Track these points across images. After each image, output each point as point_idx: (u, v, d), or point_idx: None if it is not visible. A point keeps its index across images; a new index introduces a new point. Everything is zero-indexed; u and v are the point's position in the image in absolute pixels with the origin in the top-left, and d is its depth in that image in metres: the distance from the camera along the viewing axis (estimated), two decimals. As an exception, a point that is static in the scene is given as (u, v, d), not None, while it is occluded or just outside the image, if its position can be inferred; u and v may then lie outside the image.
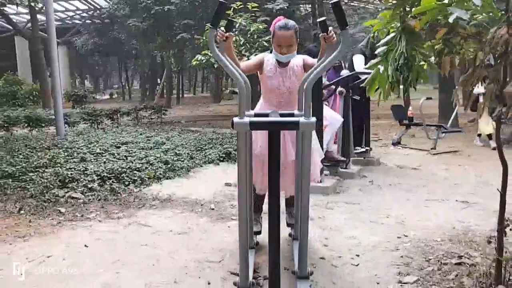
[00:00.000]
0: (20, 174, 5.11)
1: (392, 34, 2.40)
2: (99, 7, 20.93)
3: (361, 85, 5.11)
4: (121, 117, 11.22)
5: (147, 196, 4.60)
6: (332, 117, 5.28)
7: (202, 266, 2.91)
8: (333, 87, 5.76)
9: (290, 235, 3.34)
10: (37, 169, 5.24)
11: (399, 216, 3.95)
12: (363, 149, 6.17)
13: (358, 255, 3.09)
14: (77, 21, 23.45)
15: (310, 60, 2.91)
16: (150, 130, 8.99)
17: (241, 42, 6.72)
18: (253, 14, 6.84)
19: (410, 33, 2.33)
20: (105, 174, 5.04)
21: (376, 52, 2.45)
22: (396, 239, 3.40)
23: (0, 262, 2.98)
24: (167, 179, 5.34)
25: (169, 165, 5.68)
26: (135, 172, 5.24)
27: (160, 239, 3.42)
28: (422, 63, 2.41)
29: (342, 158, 5.40)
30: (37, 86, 14.94)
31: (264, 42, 7.54)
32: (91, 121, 10.24)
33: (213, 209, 4.18)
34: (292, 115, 2.62)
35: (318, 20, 2.52)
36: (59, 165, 5.40)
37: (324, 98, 5.57)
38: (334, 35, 2.47)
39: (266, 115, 2.41)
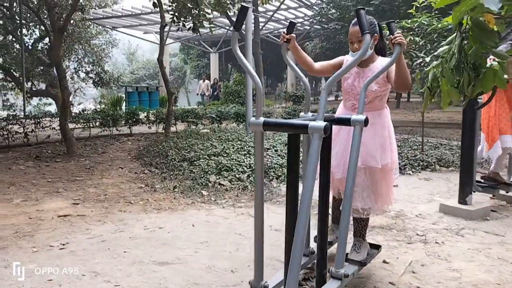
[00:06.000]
0: (195, 159, 6.08)
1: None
2: (324, 12, 21.98)
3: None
4: (318, 116, 11.73)
5: (280, 192, 4.84)
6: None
7: (270, 263, 3.00)
8: None
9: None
10: (207, 157, 6.12)
11: (546, 259, 3.11)
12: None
13: (442, 291, 2.64)
14: (307, 27, 25.24)
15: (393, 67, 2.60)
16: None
17: (420, 42, 6.11)
18: (436, 12, 6.11)
19: (481, 30, 1.91)
20: (256, 167, 5.51)
21: (436, 53, 2.08)
22: (512, 284, 2.73)
23: (128, 226, 3.75)
24: (310, 179, 5.45)
25: (319, 166, 5.78)
26: (283, 168, 5.56)
27: (256, 231, 3.63)
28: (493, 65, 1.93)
29: (508, 181, 4.44)
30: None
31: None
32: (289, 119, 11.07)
33: (328, 213, 4.12)
34: (348, 120, 2.48)
35: (385, 22, 2.31)
36: (225, 155, 6.17)
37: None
38: (399, 37, 2.24)
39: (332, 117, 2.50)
